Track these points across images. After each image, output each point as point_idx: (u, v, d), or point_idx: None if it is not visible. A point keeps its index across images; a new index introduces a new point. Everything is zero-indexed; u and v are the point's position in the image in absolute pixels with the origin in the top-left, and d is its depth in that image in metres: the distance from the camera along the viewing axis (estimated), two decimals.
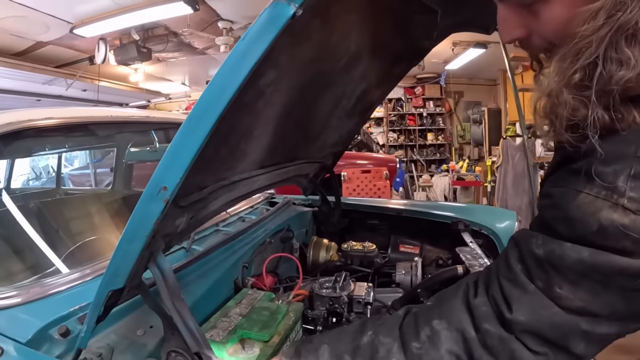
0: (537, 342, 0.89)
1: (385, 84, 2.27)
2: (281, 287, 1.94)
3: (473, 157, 13.33)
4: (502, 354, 0.91)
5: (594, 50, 0.76)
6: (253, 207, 2.61)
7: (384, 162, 7.62)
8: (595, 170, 0.80)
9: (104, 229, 2.32)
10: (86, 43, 7.37)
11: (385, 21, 1.64)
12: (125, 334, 1.27)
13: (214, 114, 0.85)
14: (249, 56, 0.83)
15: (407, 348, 0.98)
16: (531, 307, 0.88)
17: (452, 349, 0.95)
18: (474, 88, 13.84)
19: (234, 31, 7.35)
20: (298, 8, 0.80)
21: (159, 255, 1.09)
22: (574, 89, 0.81)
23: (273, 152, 1.71)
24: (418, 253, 2.58)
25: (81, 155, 6.59)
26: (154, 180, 0.92)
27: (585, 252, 0.82)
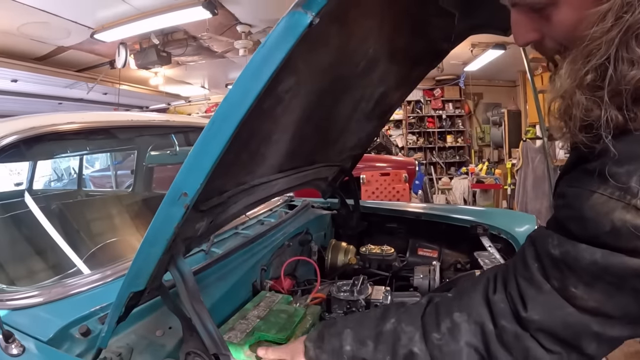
0: (551, 341, 0.91)
1: (403, 86, 2.27)
2: (299, 289, 1.95)
3: (493, 159, 13.21)
4: (517, 351, 0.94)
5: (605, 52, 0.77)
6: (272, 210, 2.61)
7: (403, 165, 7.61)
8: (609, 171, 0.81)
9: (125, 231, 2.35)
10: (106, 47, 7.46)
11: (402, 25, 1.64)
12: (144, 335, 1.29)
13: (234, 121, 0.87)
14: (268, 63, 0.84)
15: (428, 338, 1.02)
16: (546, 306, 0.90)
17: (471, 342, 0.99)
18: (494, 89, 13.72)
19: (253, 35, 7.39)
20: (315, 17, 0.81)
21: (179, 258, 1.11)
22: (587, 90, 0.82)
23: (292, 156, 1.72)
24: (436, 257, 2.56)
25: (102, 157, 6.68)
26: (174, 185, 0.94)
27: (598, 254, 0.82)
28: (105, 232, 2.26)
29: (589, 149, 0.85)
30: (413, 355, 1.02)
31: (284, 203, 2.85)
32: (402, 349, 1.03)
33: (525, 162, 7.61)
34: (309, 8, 0.81)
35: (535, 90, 5.50)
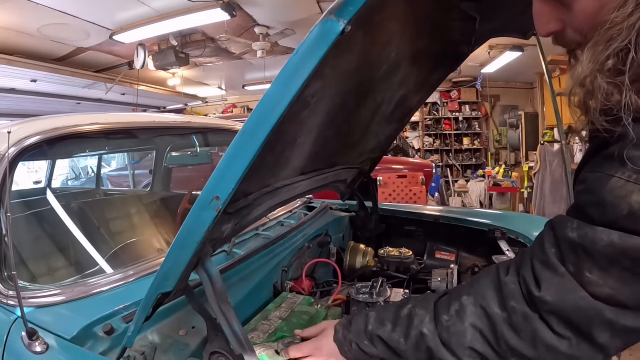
0: (562, 325, 0.91)
1: (423, 90, 2.27)
2: (318, 291, 1.96)
3: (510, 162, 13.15)
4: (526, 332, 0.95)
5: (626, 36, 0.79)
6: (292, 212, 2.64)
7: (420, 167, 7.60)
8: (628, 155, 0.82)
9: (145, 231, 2.38)
10: (125, 49, 7.56)
11: (425, 29, 1.65)
12: (168, 334, 1.31)
13: (267, 128, 0.88)
14: (300, 72, 0.86)
15: (439, 320, 1.06)
16: (559, 288, 0.91)
17: (476, 324, 1.01)
18: (511, 92, 13.64)
19: (271, 37, 7.42)
20: (347, 24, 0.83)
21: (207, 260, 1.12)
22: (609, 74, 0.83)
23: (314, 159, 1.73)
24: (454, 260, 2.55)
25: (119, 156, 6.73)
26: (207, 189, 0.95)
27: (615, 236, 0.83)
28: (126, 232, 2.29)
29: (609, 133, 0.86)
30: (423, 336, 1.06)
31: (303, 205, 2.87)
32: (414, 331, 1.08)
33: (543, 165, 7.57)
34: (342, 16, 0.83)
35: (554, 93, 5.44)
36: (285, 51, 8.63)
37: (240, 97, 13.99)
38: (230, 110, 13.81)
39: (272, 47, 7.74)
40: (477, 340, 1.00)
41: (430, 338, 1.05)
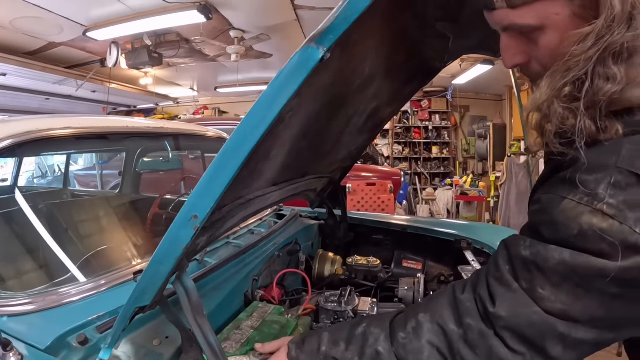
0: (516, 340, 0.93)
1: (395, 102, 2.31)
2: (288, 299, 1.98)
3: (477, 171, 13.33)
4: (481, 349, 0.97)
5: (583, 67, 0.85)
6: (262, 220, 2.64)
7: (389, 175, 7.64)
8: (579, 178, 0.87)
9: (115, 237, 2.34)
10: (98, 46, 7.45)
11: (400, 45, 1.68)
12: (142, 344, 1.30)
13: (246, 150, 0.91)
14: (280, 96, 0.89)
15: (395, 338, 1.06)
16: (513, 304, 0.93)
17: (433, 341, 1.02)
18: (480, 103, 13.84)
19: (246, 41, 7.42)
20: (326, 52, 0.86)
21: (184, 274, 1.14)
22: (564, 100, 0.89)
23: (286, 170, 1.75)
24: (421, 269, 2.60)
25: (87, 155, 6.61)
26: (186, 208, 0.98)
27: (566, 254, 0.87)
28: (96, 238, 2.26)
29: (562, 156, 0.92)
30: (378, 354, 1.06)
31: (273, 212, 2.88)
32: (369, 349, 1.08)
33: (509, 177, 7.71)
34: (322, 43, 0.86)
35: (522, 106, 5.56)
36: (259, 55, 8.62)
37: (212, 98, 13.91)
38: (201, 111, 13.69)
39: (247, 51, 7.73)
40: (433, 357, 1.02)
41: (386, 356, 1.06)
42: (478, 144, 13.21)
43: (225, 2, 6.02)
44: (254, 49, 8.10)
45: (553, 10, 0.89)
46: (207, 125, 5.09)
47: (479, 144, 13.16)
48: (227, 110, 14.03)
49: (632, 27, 0.83)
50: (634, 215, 0.82)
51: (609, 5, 0.82)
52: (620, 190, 0.84)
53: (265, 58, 8.97)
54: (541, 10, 0.90)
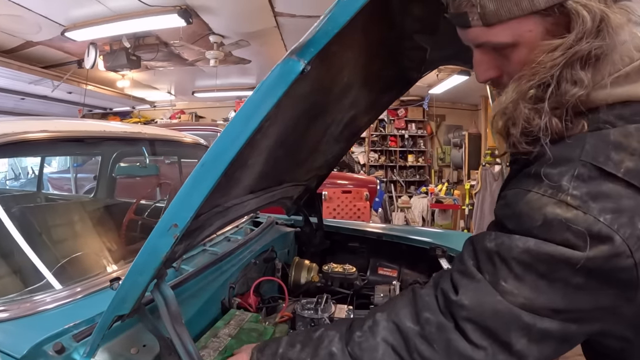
0: (478, 333, 0.94)
1: (372, 111, 2.32)
2: (264, 307, 1.99)
3: (452, 180, 13.46)
4: (439, 343, 0.97)
5: (548, 72, 0.90)
6: (238, 227, 2.64)
7: (364, 183, 7.70)
8: (544, 172, 0.92)
9: (89, 242, 2.30)
10: (76, 46, 7.36)
11: (377, 55, 1.70)
12: (119, 352, 1.28)
13: (226, 161, 0.92)
14: (260, 108, 0.90)
15: (351, 337, 1.07)
16: (476, 293, 0.95)
17: (387, 339, 1.03)
18: (456, 112, 14.00)
19: (225, 46, 7.40)
20: (307, 64, 0.87)
21: (162, 282, 1.15)
22: (529, 101, 0.94)
23: (263, 178, 1.75)
24: (396, 276, 2.62)
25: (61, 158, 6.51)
26: (165, 217, 0.98)
27: (531, 242, 0.89)
28: (70, 243, 2.23)
29: (528, 154, 0.97)
30: (331, 355, 1.07)
31: (249, 219, 2.88)
32: (322, 350, 1.09)
33: (483, 186, 7.80)
34: (302, 56, 0.87)
35: None
36: (237, 61, 8.61)
37: (189, 103, 13.82)
38: (178, 116, 13.59)
39: (225, 56, 7.72)
40: (388, 355, 1.02)
41: (339, 356, 1.07)
42: (453, 152, 13.34)
43: (205, 6, 6.01)
44: (233, 54, 8.09)
45: (526, 28, 0.93)
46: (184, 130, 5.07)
47: (454, 153, 13.30)
48: (204, 115, 13.97)
49: (600, 37, 0.87)
50: (597, 205, 0.85)
51: (581, 22, 0.86)
52: (583, 182, 0.88)
53: (244, 64, 8.97)
54: (515, 28, 0.93)
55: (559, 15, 0.89)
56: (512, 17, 0.91)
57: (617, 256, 0.84)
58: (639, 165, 0.86)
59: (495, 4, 0.91)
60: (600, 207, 0.85)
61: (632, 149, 0.87)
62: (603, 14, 0.86)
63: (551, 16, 0.90)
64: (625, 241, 0.83)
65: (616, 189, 0.86)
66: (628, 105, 0.91)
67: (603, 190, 0.86)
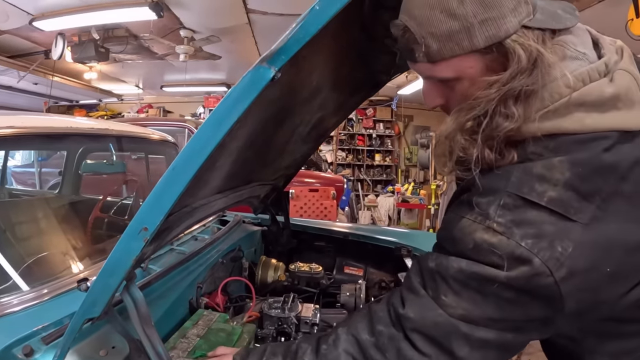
0: (424, 342, 1.03)
1: (341, 112, 2.34)
2: (232, 306, 2.00)
3: (418, 179, 13.59)
4: (391, 352, 1.07)
5: (484, 107, 0.98)
6: (205, 226, 2.63)
7: (331, 182, 7.74)
8: (475, 201, 1.02)
9: (56, 242, 2.24)
10: (44, 36, 7.17)
11: (347, 58, 1.72)
12: (89, 355, 1.27)
13: (196, 166, 0.94)
14: (231, 115, 0.92)
15: (319, 350, 1.16)
16: (420, 307, 1.04)
17: (348, 350, 1.13)
18: (424, 113, 14.13)
19: (196, 41, 7.34)
20: (277, 72, 0.90)
21: (132, 285, 1.15)
22: (466, 133, 1.02)
23: (231, 178, 1.76)
24: (362, 275, 2.65)
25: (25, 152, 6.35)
26: (136, 220, 0.99)
27: (463, 263, 0.99)
28: (36, 242, 2.18)
29: (462, 181, 1.08)
30: None
31: (216, 218, 2.87)
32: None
33: (449, 186, 7.89)
34: (273, 63, 0.90)
35: None
36: (208, 57, 8.54)
37: (157, 97, 13.63)
38: (145, 110, 13.41)
39: (196, 51, 7.65)
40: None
41: None
42: (420, 153, 13.42)
43: (177, 0, 5.95)
44: (204, 49, 8.03)
45: (468, 64, 1.00)
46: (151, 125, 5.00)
47: (421, 153, 13.38)
48: (172, 110, 13.82)
49: (533, 75, 0.94)
50: (520, 231, 0.94)
51: (517, 59, 0.93)
52: (508, 210, 0.97)
53: (214, 60, 8.91)
54: (457, 64, 1.00)
55: (497, 54, 0.96)
56: (454, 55, 0.98)
57: (538, 275, 0.92)
58: (561, 195, 0.94)
59: (439, 43, 0.97)
60: (523, 233, 0.94)
61: (555, 179, 0.95)
62: (538, 53, 0.93)
63: (490, 54, 0.97)
64: (545, 263, 0.91)
65: (540, 215, 0.95)
66: (554, 138, 0.97)
67: (527, 218, 0.95)
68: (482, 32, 0.93)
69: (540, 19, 0.94)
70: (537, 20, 0.93)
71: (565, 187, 0.94)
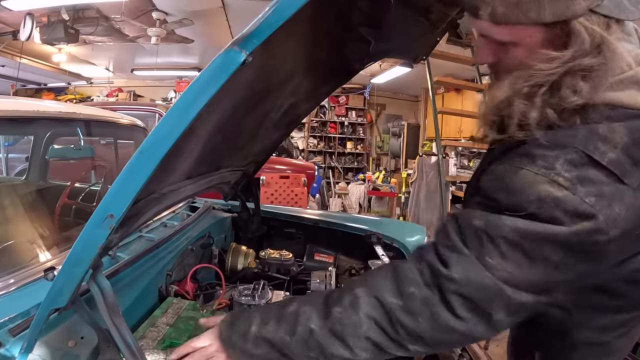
0: (463, 305, 1.02)
1: (313, 99, 2.35)
2: (201, 294, 1.99)
3: (389, 168, 13.71)
4: (423, 315, 1.05)
5: (544, 79, 1.01)
6: (175, 212, 2.60)
7: (302, 169, 7.73)
8: (539, 153, 1.01)
9: (22, 230, 2.12)
10: (12, 16, 6.96)
11: (322, 44, 1.72)
12: (57, 346, 1.25)
13: (163, 150, 0.92)
14: (200, 98, 0.91)
15: (330, 313, 1.11)
16: (466, 268, 1.02)
17: (370, 314, 1.08)
18: (397, 102, 14.23)
19: (168, 24, 7.24)
20: (249, 55, 0.88)
21: (99, 274, 1.13)
22: (524, 98, 1.05)
23: (201, 164, 1.75)
24: (332, 262, 2.66)
25: None
26: (101, 207, 0.97)
27: (519, 222, 0.98)
28: (1, 230, 2.05)
29: (517, 140, 1.07)
30: (311, 332, 1.11)
31: (186, 204, 2.84)
32: (300, 327, 1.13)
33: (420, 175, 7.97)
34: (244, 47, 0.88)
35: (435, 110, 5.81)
36: (180, 40, 8.43)
37: (127, 80, 13.38)
38: (115, 94, 13.18)
39: (168, 34, 7.55)
40: (372, 330, 1.08)
41: (319, 333, 1.10)
42: (392, 141, 13.56)
43: None
44: (176, 32, 7.92)
45: (528, 34, 1.01)
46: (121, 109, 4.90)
47: (392, 142, 13.52)
48: (143, 94, 13.59)
49: (596, 58, 0.97)
50: (583, 189, 0.95)
51: (580, 42, 0.96)
52: (574, 167, 0.97)
53: (186, 43, 8.79)
54: (518, 31, 1.02)
55: (559, 31, 0.98)
56: (518, 22, 0.99)
57: (598, 232, 0.95)
58: (619, 157, 0.97)
59: (506, 8, 0.98)
60: (586, 191, 0.95)
61: (615, 142, 0.98)
62: (602, 39, 0.96)
63: (553, 30, 0.98)
64: (605, 220, 0.94)
65: (599, 175, 0.97)
66: (613, 108, 1.01)
67: (589, 176, 0.97)
68: (551, 8, 0.94)
69: (608, 6, 0.96)
70: (604, 7, 0.95)
71: (622, 151, 0.98)
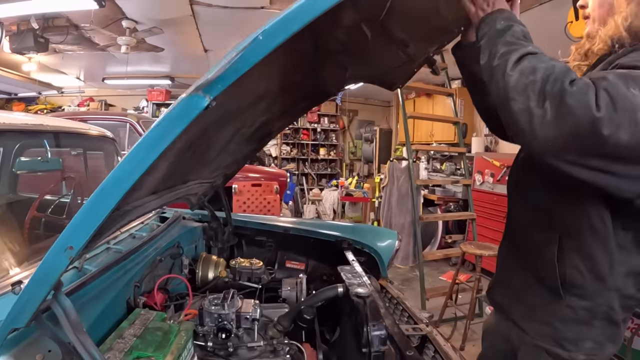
0: (606, 104, 1.09)
1: (286, 117, 2.38)
2: (172, 304, 1.99)
3: (363, 173, 13.76)
4: (580, 89, 1.12)
5: None
6: (143, 223, 2.60)
7: (275, 176, 7.72)
8: None
9: None
10: None
11: (299, 69, 1.75)
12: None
13: (124, 188, 0.95)
14: (162, 140, 0.94)
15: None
16: (617, 88, 1.11)
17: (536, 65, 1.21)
18: (369, 108, 14.31)
19: (138, 32, 7.19)
20: (212, 100, 0.91)
21: (60, 294, 1.14)
22: None
23: (168, 179, 1.75)
24: (304, 269, 2.71)
25: None
26: (62, 238, 0.99)
27: None
28: None
29: None
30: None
31: (156, 215, 2.85)
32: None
33: (391, 180, 8.01)
34: (208, 92, 0.91)
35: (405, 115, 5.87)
36: (150, 49, 8.38)
37: (98, 90, 13.16)
38: (86, 103, 13.01)
39: (138, 43, 7.50)
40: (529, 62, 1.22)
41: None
42: (364, 147, 13.61)
43: None
44: (146, 41, 7.88)
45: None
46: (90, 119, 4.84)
47: (365, 147, 13.57)
48: (115, 104, 13.44)
49: None
50: None
51: None
52: None
53: (156, 52, 8.74)
54: None
55: None
56: None
57: None
58: None
59: None
60: None
61: None
62: None
63: None
64: None
65: None
66: None
67: None
68: None
69: None
70: None
71: None
